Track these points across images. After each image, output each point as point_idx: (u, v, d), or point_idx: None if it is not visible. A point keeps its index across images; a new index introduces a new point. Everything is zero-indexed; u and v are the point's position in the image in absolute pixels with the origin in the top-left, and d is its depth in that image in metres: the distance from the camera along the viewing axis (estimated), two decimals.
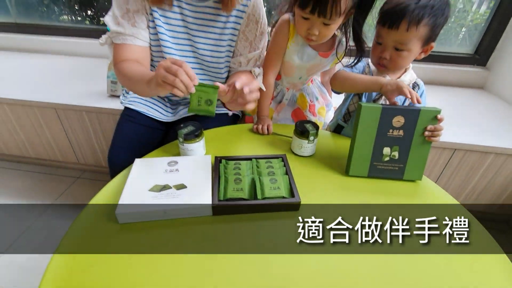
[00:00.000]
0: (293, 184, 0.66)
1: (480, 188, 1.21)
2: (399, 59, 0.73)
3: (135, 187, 0.64)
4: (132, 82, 0.73)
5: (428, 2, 0.67)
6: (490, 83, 1.57)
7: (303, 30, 0.79)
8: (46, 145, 1.41)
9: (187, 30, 0.82)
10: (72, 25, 1.92)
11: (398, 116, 0.66)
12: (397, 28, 0.69)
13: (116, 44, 0.78)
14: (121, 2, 0.75)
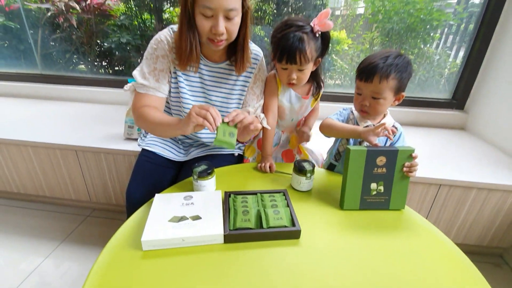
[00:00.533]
0: (294, 215, 0.76)
1: (469, 222, 1.28)
2: (377, 106, 0.89)
3: (156, 218, 0.74)
4: (156, 124, 0.87)
5: (393, 61, 0.83)
6: (470, 125, 1.73)
7: (285, 78, 0.98)
8: (62, 184, 1.51)
9: (203, 85, 0.99)
10: (91, 76, 2.15)
11: (381, 156, 0.79)
12: (371, 81, 0.85)
13: (139, 93, 0.94)
14: (151, 62, 0.93)
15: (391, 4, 1.90)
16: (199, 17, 0.80)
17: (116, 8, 2.22)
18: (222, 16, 0.80)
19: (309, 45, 0.90)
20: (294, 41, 0.88)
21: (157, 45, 0.92)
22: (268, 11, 2.04)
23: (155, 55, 0.92)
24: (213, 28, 0.81)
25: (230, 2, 0.78)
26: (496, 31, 1.56)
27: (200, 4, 0.78)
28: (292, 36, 0.89)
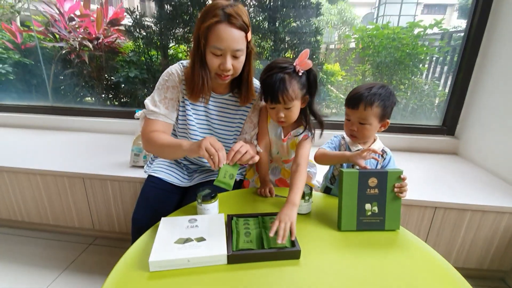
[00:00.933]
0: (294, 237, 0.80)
1: (468, 245, 1.30)
2: (364, 130, 0.97)
3: (163, 240, 0.77)
4: (164, 146, 0.95)
5: (377, 91, 0.93)
6: (462, 150, 1.81)
7: (274, 116, 1.01)
8: (66, 211, 1.53)
9: (207, 114, 1.08)
10: (99, 107, 2.27)
11: (372, 178, 0.85)
12: (357, 108, 0.95)
13: (149, 119, 1.02)
14: (162, 92, 1.03)
15: (379, 40, 2.07)
16: (210, 56, 0.92)
17: (126, 45, 2.40)
18: (229, 55, 0.91)
19: (291, 84, 0.93)
20: (276, 82, 0.92)
21: (169, 77, 1.03)
22: (266, 47, 2.21)
23: (166, 85, 1.03)
24: (222, 65, 0.92)
25: (237, 44, 0.90)
26: (477, 62, 1.69)
27: (211, 45, 0.90)
28: (274, 77, 0.93)
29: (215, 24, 0.87)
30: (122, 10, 2.35)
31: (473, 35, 1.66)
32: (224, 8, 0.88)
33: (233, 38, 0.89)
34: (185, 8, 2.21)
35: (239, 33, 0.90)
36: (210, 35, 0.89)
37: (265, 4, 2.17)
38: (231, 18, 0.87)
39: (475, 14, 1.64)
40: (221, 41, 0.88)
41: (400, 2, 4.47)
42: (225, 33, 0.88)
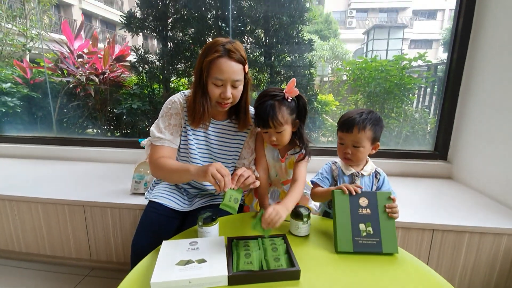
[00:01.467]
0: (293, 256, 0.81)
1: (470, 269, 1.29)
2: (358, 153, 1.02)
3: (164, 262, 0.78)
4: (172, 171, 1.02)
5: (367, 116, 1.00)
6: (455, 174, 1.85)
7: (267, 140, 1.09)
8: (64, 241, 1.52)
9: (207, 139, 1.15)
10: (102, 138, 2.33)
11: (362, 197, 0.90)
12: (351, 132, 1.00)
13: (156, 146, 1.09)
14: (166, 119, 1.10)
15: (368, 71, 2.21)
16: (211, 86, 1.02)
17: (130, 79, 2.53)
18: (229, 85, 1.01)
19: (281, 110, 1.01)
20: (266, 109, 1.01)
21: (172, 105, 1.11)
22: (263, 79, 2.35)
23: (170, 113, 1.10)
24: (222, 94, 1.02)
25: (236, 75, 1.01)
26: (460, 90, 1.80)
27: (213, 76, 1.00)
28: (265, 105, 1.02)
29: (217, 58, 0.98)
30: (128, 47, 2.52)
31: (454, 66, 1.79)
32: (224, 44, 0.99)
33: (233, 70, 0.99)
34: (187, 45, 2.38)
35: (238, 66, 1.01)
36: (212, 68, 0.99)
37: (261, 41, 2.35)
38: (231, 53, 0.99)
39: (455, 48, 1.78)
40: (222, 73, 0.99)
41: (387, 38, 4.82)
42: (226, 66, 0.98)
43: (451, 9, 1.81)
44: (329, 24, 8.43)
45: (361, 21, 12.33)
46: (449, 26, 1.86)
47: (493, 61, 1.58)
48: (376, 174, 1.07)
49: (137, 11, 2.27)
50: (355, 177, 1.05)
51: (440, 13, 12.81)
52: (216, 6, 2.28)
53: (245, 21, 2.29)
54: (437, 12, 12.93)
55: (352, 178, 1.05)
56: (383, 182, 1.06)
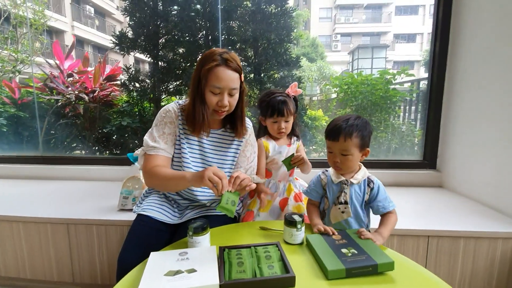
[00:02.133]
0: (287, 263, 0.78)
1: (468, 275, 1.26)
2: (347, 161, 0.99)
3: (152, 273, 0.74)
4: (167, 179, 1.01)
5: (354, 122, 0.98)
6: (446, 182, 1.87)
7: (275, 130, 1.28)
8: (46, 263, 1.42)
9: (201, 148, 1.14)
10: (89, 156, 2.28)
11: (335, 235, 0.92)
12: (338, 140, 0.98)
13: (150, 155, 1.07)
14: (160, 128, 1.10)
15: (355, 85, 2.28)
16: (209, 94, 1.03)
17: (120, 97, 2.53)
18: (226, 93, 1.03)
19: (290, 103, 1.25)
20: (280, 101, 1.24)
21: (166, 113, 1.11)
22: (253, 95, 2.39)
23: (164, 121, 1.10)
24: (219, 102, 1.04)
25: (233, 83, 1.03)
26: (443, 102, 1.87)
27: (211, 84, 1.02)
28: (278, 98, 1.24)
29: (215, 67, 1.01)
30: (119, 68, 2.55)
31: (436, 80, 1.87)
32: (221, 54, 1.03)
33: (230, 78, 1.02)
34: (178, 64, 2.43)
35: (235, 74, 1.03)
36: (210, 76, 1.01)
37: (251, 59, 2.42)
38: (228, 61, 1.01)
39: (434, 65, 1.88)
40: (220, 81, 1.01)
41: (370, 57, 5.05)
42: (224, 74, 1.01)
43: (429, 33, 1.94)
44: (316, 47, 8.82)
45: (345, 45, 12.92)
46: (428, 48, 1.98)
47: (470, 74, 1.66)
48: (369, 182, 1.02)
49: (129, 31, 2.32)
50: (344, 185, 1.01)
51: (419, 36, 13.59)
52: (206, 27, 2.36)
53: (234, 40, 2.37)
54: (416, 36, 13.71)
55: (341, 186, 1.02)
56: (378, 192, 1.01)
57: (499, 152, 1.46)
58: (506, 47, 1.43)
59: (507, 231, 1.24)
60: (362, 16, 13.98)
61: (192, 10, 2.30)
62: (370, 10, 14.18)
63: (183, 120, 1.12)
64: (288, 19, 2.36)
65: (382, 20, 13.82)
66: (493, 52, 1.51)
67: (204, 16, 2.32)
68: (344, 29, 13.44)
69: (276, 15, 2.36)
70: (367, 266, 0.76)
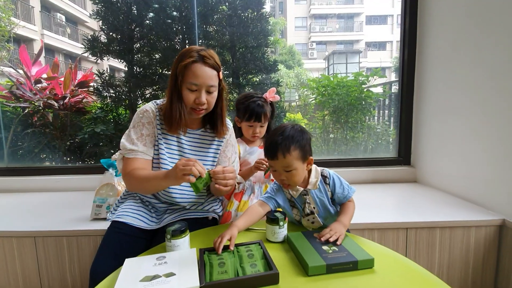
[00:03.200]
0: (270, 260, 0.76)
1: (446, 265, 1.30)
2: (292, 177, 0.93)
3: (126, 280, 0.69)
4: (146, 180, 0.98)
5: (289, 134, 0.91)
6: (419, 177, 1.94)
7: (250, 133, 1.31)
8: (12, 280, 1.30)
9: (180, 148, 1.10)
10: (59, 165, 2.15)
11: (316, 233, 0.91)
12: (277, 158, 0.91)
13: (128, 158, 1.03)
14: (138, 130, 1.05)
15: (331, 87, 2.34)
16: (186, 92, 1.01)
17: (94, 104, 2.43)
18: (204, 91, 1.01)
19: (267, 108, 1.28)
20: (259, 106, 1.26)
21: (143, 114, 1.07)
22: (232, 99, 2.38)
23: (142, 122, 1.06)
24: (197, 99, 1.01)
25: (211, 80, 1.01)
26: (414, 101, 1.97)
27: (187, 81, 0.99)
28: (256, 103, 1.26)
29: (191, 63, 0.99)
30: (92, 73, 2.45)
31: (406, 82, 1.97)
32: (198, 51, 1.01)
33: (207, 75, 1.00)
34: (154, 69, 2.37)
35: (212, 72, 1.01)
36: (187, 73, 0.99)
37: (229, 63, 2.42)
38: (205, 58, 1.00)
39: (404, 69, 1.98)
40: (196, 78, 0.98)
41: (345, 62, 5.25)
42: (200, 71, 0.99)
43: (397, 41, 2.06)
44: (293, 55, 9.03)
45: (321, 52, 13.33)
46: (397, 55, 2.10)
47: (437, 76, 1.77)
48: (325, 179, 0.99)
49: (101, 35, 2.25)
50: (304, 196, 0.98)
51: (389, 44, 14.32)
52: (182, 31, 2.34)
53: (212, 44, 2.36)
54: (386, 43, 14.44)
55: (302, 198, 0.99)
56: (334, 182, 0.99)
57: (466, 146, 1.55)
58: (466, 51, 1.54)
59: (478, 219, 1.30)
60: (335, 25, 14.56)
61: (168, 17, 2.27)
62: (342, 20, 14.80)
63: (161, 120, 1.08)
64: (265, 23, 2.40)
65: (354, 29, 14.47)
66: (456, 55, 1.61)
67: (180, 20, 2.30)
68: (319, 38, 13.91)
69: (253, 20, 2.38)
70: (347, 262, 0.76)
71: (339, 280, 0.72)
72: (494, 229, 1.30)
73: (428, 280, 0.72)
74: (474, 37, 1.48)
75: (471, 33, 1.50)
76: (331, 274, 0.75)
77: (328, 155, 2.53)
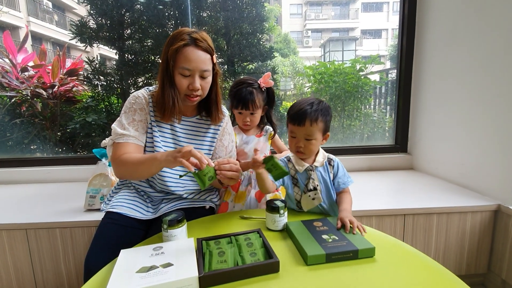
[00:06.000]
0: (270, 249, 0.75)
1: (442, 250, 1.32)
2: (310, 146, 0.97)
3: (122, 271, 0.67)
4: (137, 164, 0.92)
5: (318, 107, 0.96)
6: (416, 164, 1.95)
7: (240, 121, 1.23)
8: (4, 275, 1.27)
9: (174, 136, 1.07)
10: (49, 156, 2.09)
11: (316, 222, 0.90)
12: (304, 125, 0.95)
13: (119, 143, 0.98)
14: (129, 115, 1.01)
15: (328, 75, 2.31)
16: (178, 77, 0.96)
17: (84, 93, 2.35)
18: (197, 75, 0.96)
19: (257, 96, 1.19)
20: (246, 93, 1.17)
21: (135, 100, 1.02)
22: (227, 86, 2.33)
23: (133, 108, 1.01)
24: (191, 85, 0.96)
25: (204, 65, 0.96)
26: (412, 89, 1.95)
27: (179, 66, 0.94)
28: (244, 90, 1.18)
29: (183, 47, 0.93)
30: (81, 61, 2.36)
31: (404, 68, 1.94)
32: (190, 33, 0.95)
33: (200, 59, 0.95)
34: (146, 56, 2.29)
35: (205, 55, 0.96)
36: (179, 57, 0.94)
37: (223, 50, 2.35)
38: (197, 41, 0.94)
39: (402, 56, 1.95)
40: (189, 62, 0.93)
41: (341, 50, 5.18)
42: (193, 55, 0.94)
43: (393, 29, 2.01)
44: (288, 43, 8.90)
45: (316, 40, 13.17)
46: (393, 43, 2.05)
47: (435, 63, 1.75)
48: (330, 161, 1.04)
49: (90, 20, 2.15)
50: (310, 171, 1.00)
51: (384, 32, 14.21)
52: (175, 16, 2.25)
53: (206, 30, 2.28)
54: (382, 31, 14.32)
55: (307, 173, 1.01)
56: (338, 168, 1.03)
57: (462, 133, 1.54)
58: (465, 38, 1.51)
59: (474, 205, 1.31)
60: (331, 13, 14.32)
61: (159, 1, 2.17)
62: (338, 7, 14.56)
63: (154, 107, 1.04)
64: (260, 8, 2.32)
65: (350, 16, 14.26)
66: (454, 42, 1.59)
67: (172, 5, 2.21)
68: (314, 25, 13.70)
69: (248, 4, 2.30)
70: (347, 251, 0.74)
71: (339, 269, 0.70)
72: (489, 214, 1.31)
73: (431, 267, 0.71)
74: (473, 24, 1.46)
75: (470, 20, 1.48)
76: (331, 263, 0.73)
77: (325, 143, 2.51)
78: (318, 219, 0.92)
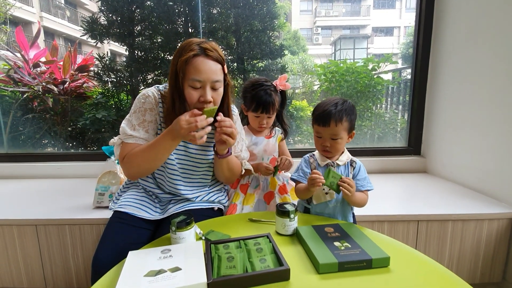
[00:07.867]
0: (280, 255, 0.72)
1: (456, 258, 1.27)
2: (337, 145, 0.99)
3: (130, 274, 0.66)
4: (144, 152, 0.93)
5: (342, 107, 0.97)
6: (430, 167, 1.89)
7: (257, 124, 1.21)
8: (14, 270, 1.29)
9: None
10: (60, 152, 2.12)
11: (327, 227, 0.87)
12: (329, 125, 0.96)
13: (127, 143, 0.97)
14: (139, 115, 0.99)
15: (340, 74, 2.26)
16: (189, 90, 0.92)
17: (94, 89, 2.36)
18: (209, 87, 0.91)
19: (276, 98, 1.17)
20: (267, 96, 1.14)
21: (145, 99, 1.00)
22: (236, 85, 2.30)
23: (144, 108, 0.99)
24: (202, 97, 0.92)
25: (215, 75, 0.92)
26: (427, 89, 1.89)
27: (190, 78, 0.90)
28: (263, 93, 1.15)
29: (192, 57, 0.89)
30: (92, 57, 2.37)
31: (419, 67, 1.88)
32: (199, 43, 0.91)
33: (211, 69, 0.91)
34: (155, 53, 2.29)
35: (216, 65, 0.92)
36: (188, 68, 0.90)
37: (233, 47, 2.32)
38: (207, 51, 0.91)
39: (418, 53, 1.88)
40: (200, 73, 0.89)
41: (352, 48, 5.09)
42: (203, 65, 0.90)
43: (406, 26, 1.95)
44: (297, 40, 8.80)
45: (326, 38, 12.99)
46: (405, 41, 1.99)
47: (453, 64, 1.68)
48: (352, 162, 1.03)
49: (100, 16, 2.15)
50: (330, 167, 1.00)
51: (396, 30, 13.91)
52: (185, 13, 2.23)
53: (216, 27, 2.26)
54: (394, 29, 14.02)
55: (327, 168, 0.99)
56: (359, 171, 1.02)
57: (480, 137, 1.48)
58: (485, 38, 1.45)
59: (492, 212, 1.26)
60: (342, 9, 14.07)
61: None
62: (349, 4, 14.30)
63: (163, 108, 1.02)
64: (271, 4, 2.28)
65: (361, 13, 13.99)
66: (474, 42, 1.52)
67: (183, 1, 2.19)
68: (324, 22, 13.49)
69: (258, 1, 2.27)
70: (361, 260, 0.71)
71: (352, 279, 0.68)
72: (506, 221, 1.26)
73: (446, 278, 0.68)
74: (495, 23, 1.39)
75: (492, 18, 1.41)
76: (344, 272, 0.71)
77: None
78: (329, 225, 0.90)
